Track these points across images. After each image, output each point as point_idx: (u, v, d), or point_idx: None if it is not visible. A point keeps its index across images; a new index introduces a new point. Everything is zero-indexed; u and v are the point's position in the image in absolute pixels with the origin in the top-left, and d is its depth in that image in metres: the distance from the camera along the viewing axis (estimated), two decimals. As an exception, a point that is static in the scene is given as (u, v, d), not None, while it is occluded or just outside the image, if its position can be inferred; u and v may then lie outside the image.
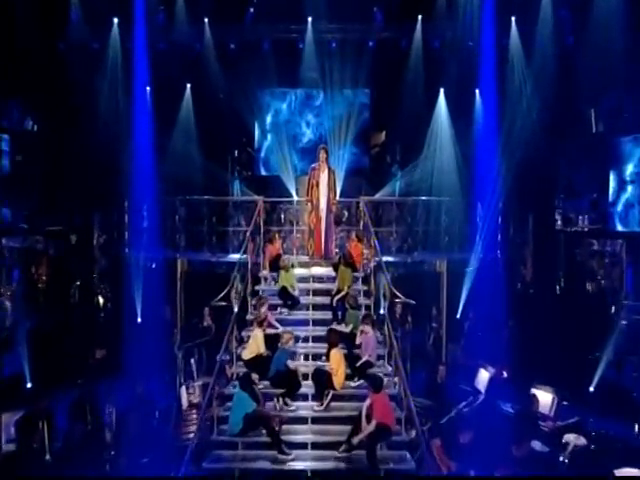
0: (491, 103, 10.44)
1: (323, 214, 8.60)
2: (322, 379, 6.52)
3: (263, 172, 13.06)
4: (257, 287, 8.25)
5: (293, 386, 6.52)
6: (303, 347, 7.35)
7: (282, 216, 10.31)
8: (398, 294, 7.14)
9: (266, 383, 6.67)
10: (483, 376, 8.41)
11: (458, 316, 10.01)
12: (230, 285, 7.37)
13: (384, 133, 12.97)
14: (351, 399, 6.58)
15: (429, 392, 8.05)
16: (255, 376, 6.51)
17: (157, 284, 9.45)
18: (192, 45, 10.89)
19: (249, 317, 7.57)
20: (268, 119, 13.05)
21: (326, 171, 8.67)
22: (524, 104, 9.69)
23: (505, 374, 8.57)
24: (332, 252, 8.69)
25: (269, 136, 13.02)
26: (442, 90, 11.65)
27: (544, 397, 7.53)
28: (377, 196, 10.73)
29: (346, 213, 10.36)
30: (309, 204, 8.75)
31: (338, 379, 6.55)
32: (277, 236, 8.96)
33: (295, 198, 11.15)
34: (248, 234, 8.12)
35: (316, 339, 7.39)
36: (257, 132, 13.00)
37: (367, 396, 6.08)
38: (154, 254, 9.75)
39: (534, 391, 7.65)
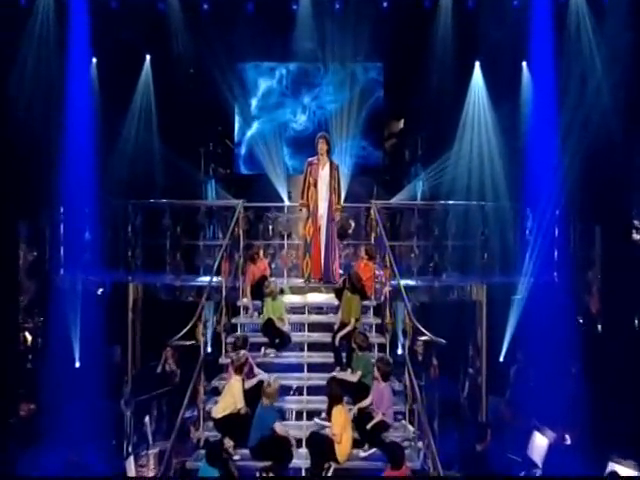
0: (545, 80, 10.39)
1: (323, 223, 8.58)
2: (321, 447, 6.13)
3: (245, 170, 13.05)
4: (235, 320, 8.18)
5: (282, 457, 6.01)
6: (296, 402, 7.14)
7: (269, 227, 10.43)
8: (422, 329, 6.92)
9: (245, 452, 6.25)
10: (539, 442, 7.97)
11: (502, 359, 9.94)
12: (197, 317, 7.09)
13: (402, 120, 13.03)
14: (360, 476, 6.30)
15: (465, 464, 7.81)
16: (229, 443, 6.10)
17: (103, 316, 9.34)
18: (153, 4, 10.83)
19: (223, 360, 7.43)
20: (252, 102, 13.06)
21: (327, 167, 8.65)
22: (591, 82, 9.66)
23: (569, 440, 8.25)
24: (335, 274, 8.63)
25: (253, 124, 13.04)
26: (478, 64, 11.60)
27: (627, 475, 6.78)
28: (394, 201, 10.89)
29: (353, 223, 10.56)
30: (304, 210, 8.86)
31: (342, 448, 6.13)
32: (262, 252, 8.80)
33: (286, 203, 11.04)
34: (223, 249, 8.06)
35: (313, 391, 7.21)
36: (238, 118, 13.04)
37: (381, 471, 5.75)
38: (99, 276, 9.67)
39: (613, 467, 7.02)
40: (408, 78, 11.80)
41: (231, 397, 6.48)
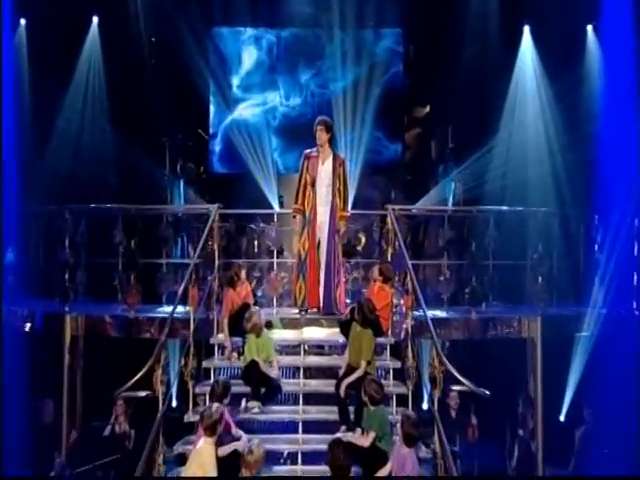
0: (619, 48, 10.41)
1: (323, 235, 8.69)
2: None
3: (222, 168, 13.35)
4: (207, 363, 8.12)
5: None
6: (288, 473, 6.99)
7: (254, 241, 10.67)
8: (457, 375, 6.84)
9: None
10: (610, 535, 7.84)
11: (563, 418, 9.89)
12: (154, 359, 6.92)
13: (428, 104, 13.24)
14: None
15: None
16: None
17: (30, 359, 9.14)
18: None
19: (190, 418, 7.35)
20: (233, 80, 13.31)
21: (329, 161, 8.78)
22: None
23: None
24: (339, 302, 8.72)
25: (234, 109, 13.28)
26: (527, 29, 11.72)
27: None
28: (417, 206, 11.02)
29: (363, 237, 10.81)
30: (299, 218, 8.92)
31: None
32: (244, 274, 8.73)
33: (277, 210, 11.14)
34: (192, 270, 8.07)
35: (310, 459, 7.05)
36: (213, 102, 13.34)
37: None
38: (25, 307, 9.59)
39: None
40: (435, 48, 11.99)
41: (199, 467, 6.25)
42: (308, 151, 8.73)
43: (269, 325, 8.21)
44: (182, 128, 12.52)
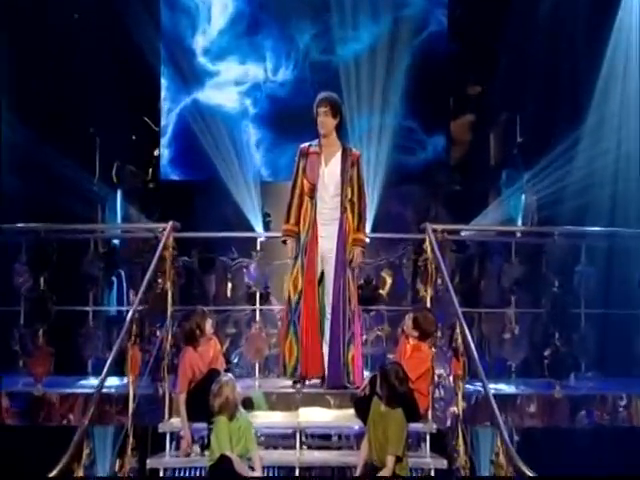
0: None
1: (328, 269, 8.81)
2: None
3: (178, 174, 13.52)
4: (153, 462, 8.03)
5: None
6: None
7: (227, 281, 10.99)
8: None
9: None
10: None
11: None
12: (71, 455, 6.68)
13: (485, 82, 13.39)
14: None
15: None
16: None
17: None
18: None
19: None
20: (197, 45, 13.46)
21: (337, 159, 8.90)
22: None
23: None
24: (353, 369, 8.78)
25: (198, 87, 13.50)
26: None
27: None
28: (470, 228, 11.17)
29: (389, 278, 11.10)
30: (291, 243, 8.94)
31: None
32: (210, 326, 8.61)
33: (260, 233, 11.41)
34: (131, 321, 8.09)
35: None
36: (165, 78, 13.58)
37: None
38: None
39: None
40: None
41: None
42: (306, 145, 8.80)
43: (248, 404, 8.12)
44: (119, 115, 12.62)
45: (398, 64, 12.77)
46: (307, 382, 8.73)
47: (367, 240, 8.95)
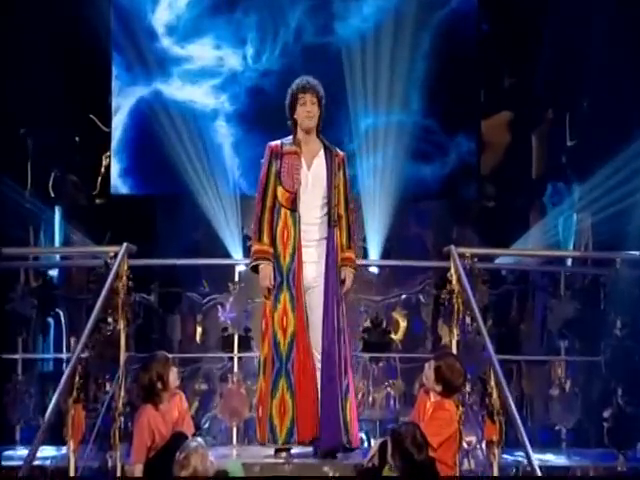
0: None
1: (316, 304, 8.80)
2: None
3: (132, 187, 13.53)
4: None
5: None
6: None
7: (196, 323, 11.15)
8: None
9: None
10: None
11: None
12: None
13: (524, 72, 13.38)
14: None
15: None
16: None
17: None
18: None
19: None
20: (157, 23, 13.50)
21: (321, 160, 8.98)
22: None
23: None
24: (352, 429, 8.80)
25: (159, 78, 13.53)
26: None
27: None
28: (507, 252, 11.31)
29: (402, 321, 11.47)
30: (265, 269, 8.89)
31: None
32: (174, 378, 8.57)
33: (238, 261, 11.29)
34: (68, 371, 8.18)
35: None
36: (118, 66, 13.65)
37: None
38: None
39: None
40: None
41: None
42: (277, 143, 8.81)
43: (224, 478, 7.89)
44: (58, 112, 12.72)
45: (414, 48, 12.78)
46: (294, 449, 8.73)
47: (354, 256, 8.85)
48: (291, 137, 8.79)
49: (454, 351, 8.98)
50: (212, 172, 12.81)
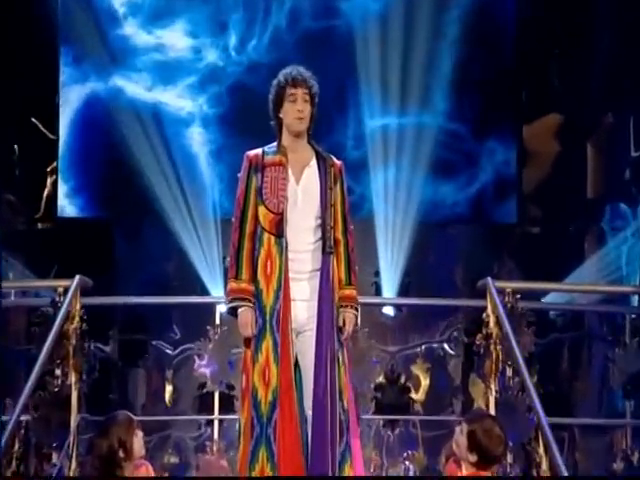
0: None
1: (306, 352, 8.64)
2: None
3: (82, 210, 13.58)
4: None
5: None
6: None
7: (167, 380, 11.31)
8: None
9: None
10: None
11: None
12: None
13: (577, 64, 13.40)
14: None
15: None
16: None
17: None
18: None
19: None
20: (118, 8, 13.62)
21: (312, 169, 8.81)
22: None
23: None
24: None
25: (118, 72, 13.59)
26: None
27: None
28: (559, 287, 11.14)
29: (425, 377, 11.60)
30: (249, 313, 8.68)
31: None
32: (139, 445, 8.35)
33: (222, 299, 10.97)
34: (6, 435, 8.32)
35: None
36: (66, 56, 13.76)
37: None
38: None
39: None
40: None
41: None
42: (257, 152, 8.56)
43: None
44: None
45: (438, 33, 12.87)
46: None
47: (354, 292, 8.45)
48: (275, 143, 8.57)
49: (492, 412, 8.98)
50: (186, 189, 12.84)
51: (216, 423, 10.29)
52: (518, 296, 9.44)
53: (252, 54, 13.43)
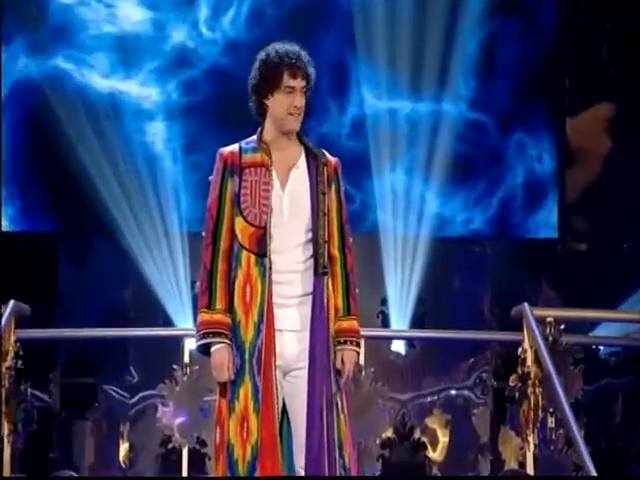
0: None
1: (297, 396, 8.37)
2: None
3: (25, 223, 13.66)
4: None
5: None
6: None
7: (122, 436, 11.54)
8: None
9: None
10: None
11: None
12: None
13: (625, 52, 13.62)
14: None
15: None
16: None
17: None
18: None
19: None
20: None
21: (300, 171, 8.62)
22: None
23: None
24: None
25: (63, 60, 13.73)
26: None
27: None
28: (610, 315, 11.30)
29: (443, 435, 11.86)
30: (225, 351, 8.41)
31: None
32: None
33: (191, 331, 11.10)
34: None
35: None
36: (5, 47, 13.81)
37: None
38: None
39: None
40: None
41: None
42: (234, 150, 8.31)
43: None
44: None
45: (460, 4, 12.96)
46: None
47: (357, 328, 8.13)
48: (254, 138, 8.25)
49: (530, 473, 9.11)
50: (147, 199, 12.88)
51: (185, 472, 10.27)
52: (562, 327, 9.49)
53: (228, 30, 13.48)
